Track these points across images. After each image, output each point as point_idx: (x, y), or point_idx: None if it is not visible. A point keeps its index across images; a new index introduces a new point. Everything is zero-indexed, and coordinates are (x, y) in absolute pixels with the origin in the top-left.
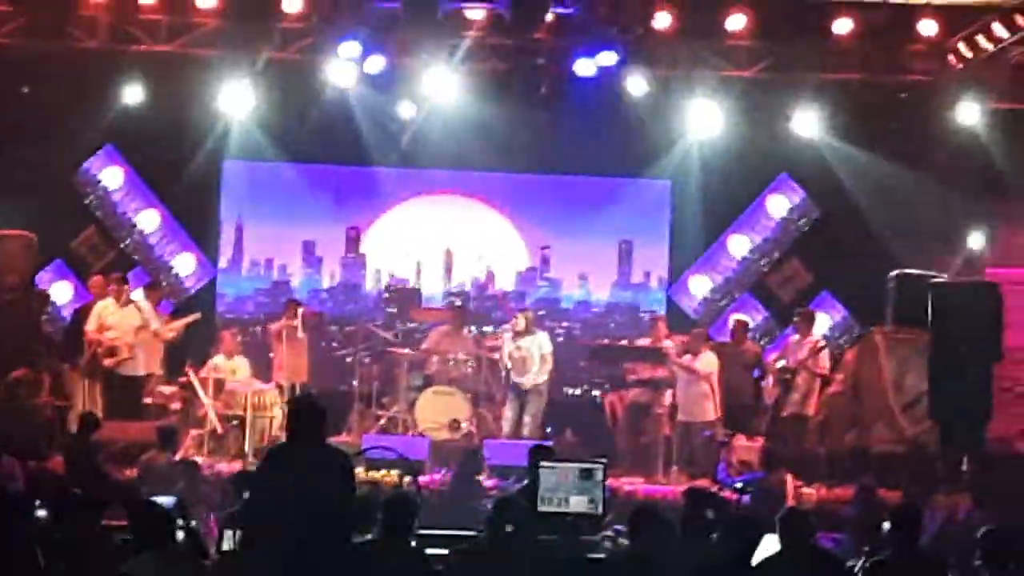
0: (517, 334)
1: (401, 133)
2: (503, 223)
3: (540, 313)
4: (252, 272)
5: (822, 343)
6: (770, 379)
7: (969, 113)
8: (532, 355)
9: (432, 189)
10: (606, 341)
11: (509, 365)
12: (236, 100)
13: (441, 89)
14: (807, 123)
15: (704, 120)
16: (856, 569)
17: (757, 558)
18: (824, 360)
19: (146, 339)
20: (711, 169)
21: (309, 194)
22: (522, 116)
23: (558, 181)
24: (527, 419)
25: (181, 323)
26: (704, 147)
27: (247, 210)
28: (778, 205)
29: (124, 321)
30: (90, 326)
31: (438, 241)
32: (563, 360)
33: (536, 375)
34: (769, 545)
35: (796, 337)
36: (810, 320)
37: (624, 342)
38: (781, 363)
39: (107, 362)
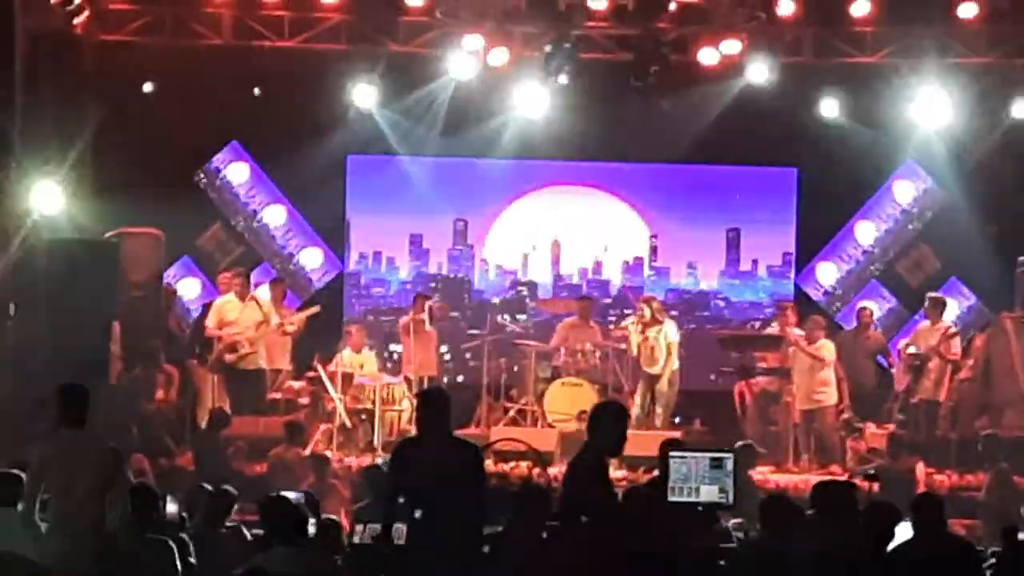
0: (645, 324)
1: (520, 126)
2: (624, 211)
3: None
4: (360, 265)
5: (953, 328)
6: (900, 365)
7: None
8: (660, 344)
9: (555, 180)
10: (734, 331)
11: (637, 355)
12: (360, 94)
13: (564, 81)
14: (930, 109)
15: (830, 107)
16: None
17: (892, 546)
18: (956, 346)
19: (267, 334)
20: (837, 156)
21: (432, 188)
22: (646, 106)
23: (677, 170)
24: (659, 410)
25: (302, 315)
26: (831, 134)
27: (370, 204)
28: (905, 191)
29: (245, 316)
30: (210, 322)
31: (547, 232)
32: (693, 349)
33: (665, 364)
34: (903, 533)
35: (926, 323)
36: (940, 306)
37: (755, 329)
38: (912, 349)
39: (228, 358)
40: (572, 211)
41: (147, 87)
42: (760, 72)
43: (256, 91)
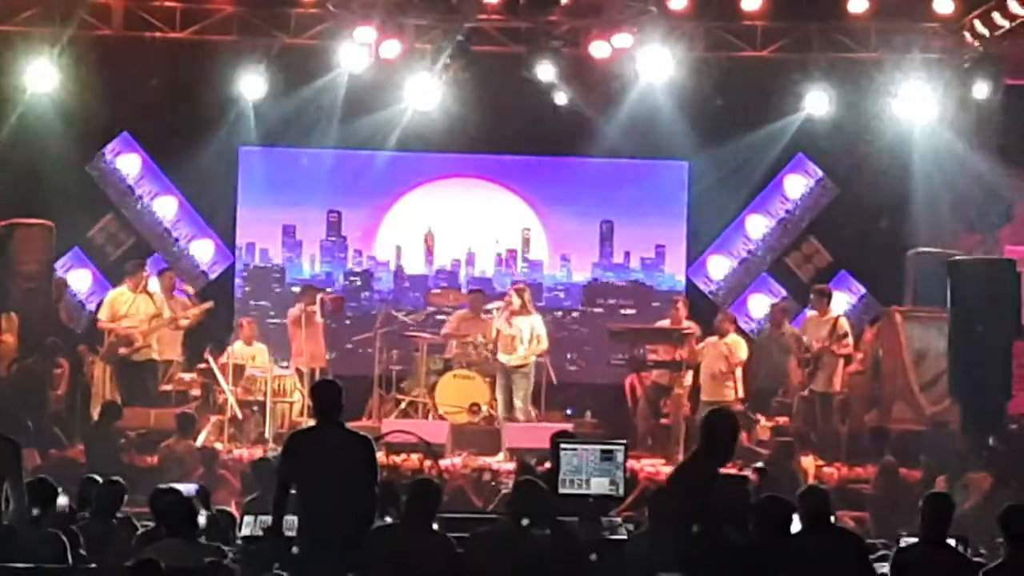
0: (512, 312)
1: (412, 118)
2: (513, 204)
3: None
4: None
5: (844, 322)
6: (792, 359)
7: (985, 89)
8: (522, 334)
9: (448, 173)
10: (625, 323)
11: (495, 341)
12: (251, 86)
13: (454, 74)
14: (819, 102)
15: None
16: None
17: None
18: (847, 339)
19: (160, 327)
20: (729, 150)
21: (323, 179)
22: (536, 99)
23: (568, 163)
24: (517, 403)
25: (195, 311)
26: (722, 128)
27: (262, 196)
28: (795, 185)
29: (138, 309)
30: (102, 315)
31: (435, 223)
32: (583, 342)
33: (523, 355)
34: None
35: (814, 314)
36: (826, 296)
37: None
38: (803, 341)
39: (122, 350)
40: (460, 204)
41: (38, 77)
42: (652, 66)
43: (153, 81)
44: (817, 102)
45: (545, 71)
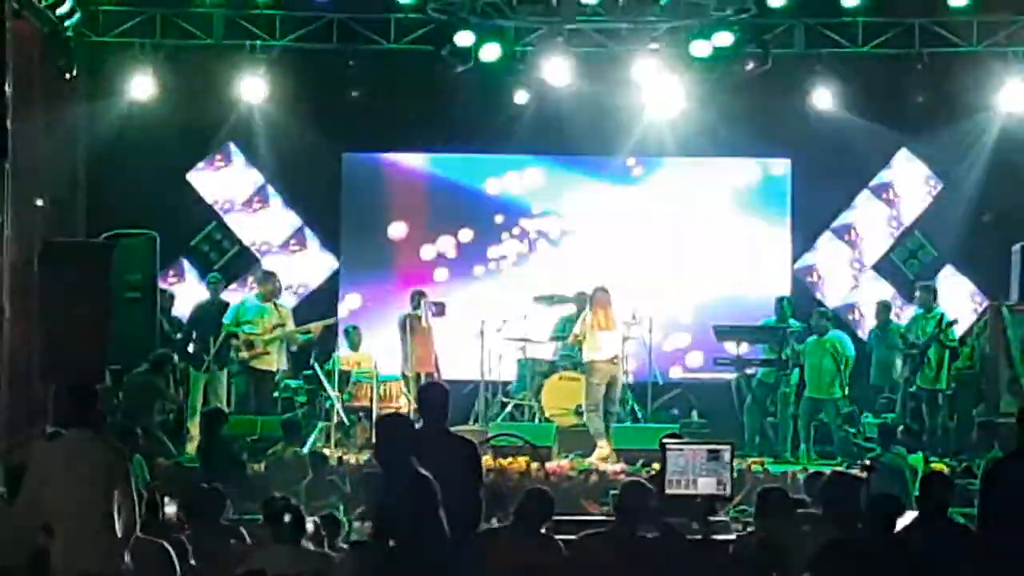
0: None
1: (516, 119)
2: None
3: None
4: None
5: (951, 316)
6: (899, 355)
7: None
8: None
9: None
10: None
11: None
12: (352, 92)
13: (556, 74)
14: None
15: (821, 97)
16: None
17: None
18: (954, 333)
19: (282, 337)
20: (831, 146)
21: (427, 183)
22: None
23: (669, 162)
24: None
25: (318, 325)
26: (824, 123)
27: (366, 201)
28: (901, 179)
29: (262, 318)
30: (226, 319)
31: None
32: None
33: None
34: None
35: (920, 310)
36: (934, 293)
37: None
38: (910, 338)
39: (243, 354)
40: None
41: (139, 87)
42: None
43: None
44: (922, 97)
45: (643, 71)
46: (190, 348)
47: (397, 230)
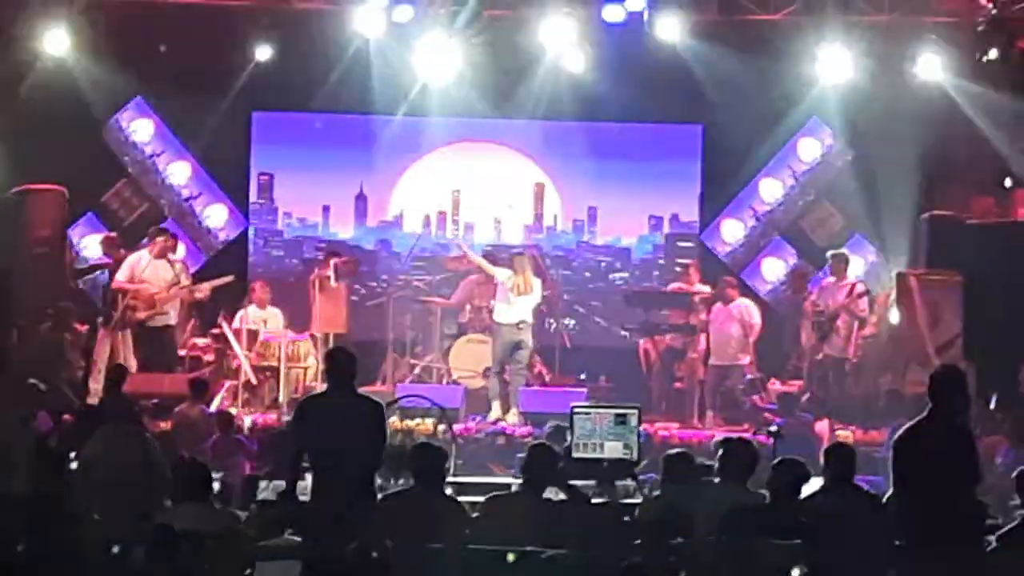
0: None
1: (422, 83)
2: (528, 169)
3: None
4: (283, 224)
5: (862, 286)
6: (806, 322)
7: (996, 53)
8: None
9: (460, 138)
10: (640, 287)
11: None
12: (264, 51)
13: (467, 38)
14: (833, 66)
15: (736, 66)
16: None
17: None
18: (864, 303)
19: (178, 295)
20: (741, 114)
21: (337, 144)
22: (549, 64)
23: (582, 127)
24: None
25: (212, 284)
26: (735, 92)
27: (275, 161)
28: (810, 148)
29: (156, 274)
30: (121, 275)
31: (450, 190)
32: (601, 306)
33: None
34: (808, 490)
35: (832, 279)
36: (845, 262)
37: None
38: (818, 306)
39: (140, 315)
40: (475, 169)
41: (53, 42)
42: (668, 30)
43: (162, 48)
44: (831, 65)
45: (556, 35)
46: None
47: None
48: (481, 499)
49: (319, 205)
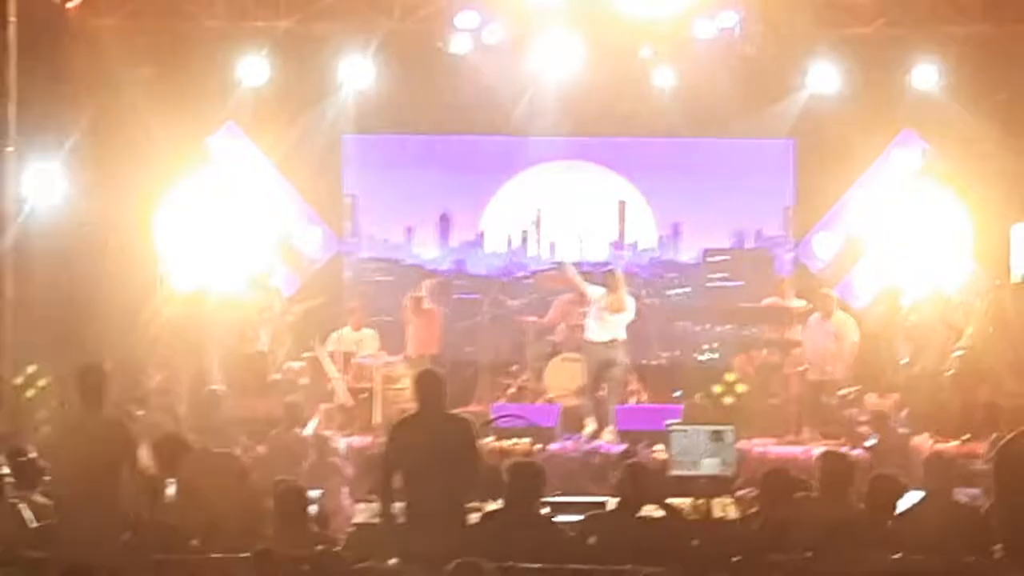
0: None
1: (518, 102)
2: (623, 187)
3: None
4: (371, 246)
5: (956, 298)
6: (901, 336)
7: None
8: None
9: (551, 156)
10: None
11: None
12: (355, 74)
13: (559, 56)
14: (928, 77)
15: (824, 78)
16: None
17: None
18: (957, 314)
19: (269, 320)
20: (832, 127)
21: (429, 165)
22: (639, 80)
23: (674, 143)
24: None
25: (303, 307)
26: (824, 104)
27: (365, 184)
28: (903, 160)
29: (251, 300)
30: (211, 304)
31: (541, 209)
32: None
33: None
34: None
35: (924, 291)
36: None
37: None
38: (913, 319)
39: (230, 341)
40: (559, 187)
41: (141, 70)
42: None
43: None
44: (922, 77)
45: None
46: None
47: None
48: (577, 518)
49: (403, 226)
